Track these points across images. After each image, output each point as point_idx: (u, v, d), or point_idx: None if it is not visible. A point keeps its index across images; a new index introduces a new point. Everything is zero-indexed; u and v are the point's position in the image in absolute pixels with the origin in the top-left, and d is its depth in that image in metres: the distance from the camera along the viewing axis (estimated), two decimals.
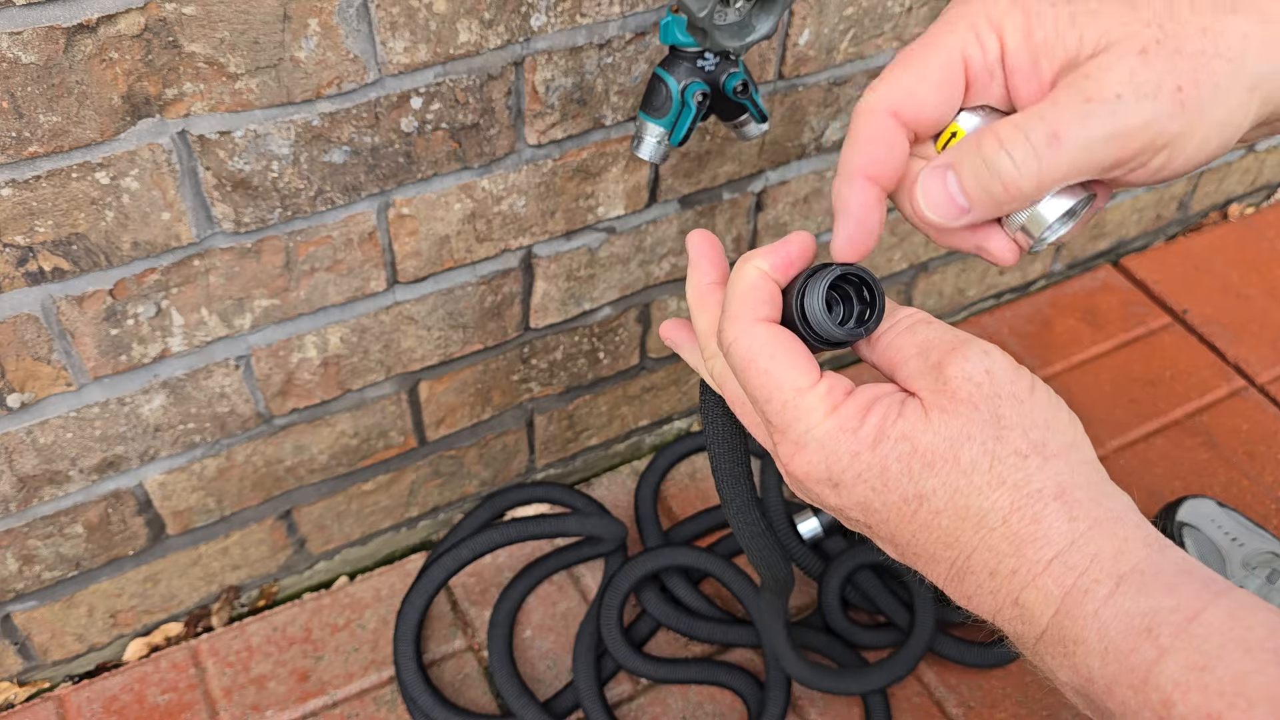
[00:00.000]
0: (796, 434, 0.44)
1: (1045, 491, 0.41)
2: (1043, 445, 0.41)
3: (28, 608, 0.95)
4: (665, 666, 1.01)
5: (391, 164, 0.81)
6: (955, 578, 0.43)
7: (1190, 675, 0.37)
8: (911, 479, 0.42)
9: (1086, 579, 0.39)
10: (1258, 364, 1.34)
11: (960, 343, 0.43)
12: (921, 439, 0.42)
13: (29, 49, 0.63)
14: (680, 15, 0.73)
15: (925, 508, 0.42)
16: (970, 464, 0.41)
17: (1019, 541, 0.40)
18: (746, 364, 0.45)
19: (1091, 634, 0.39)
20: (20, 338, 0.76)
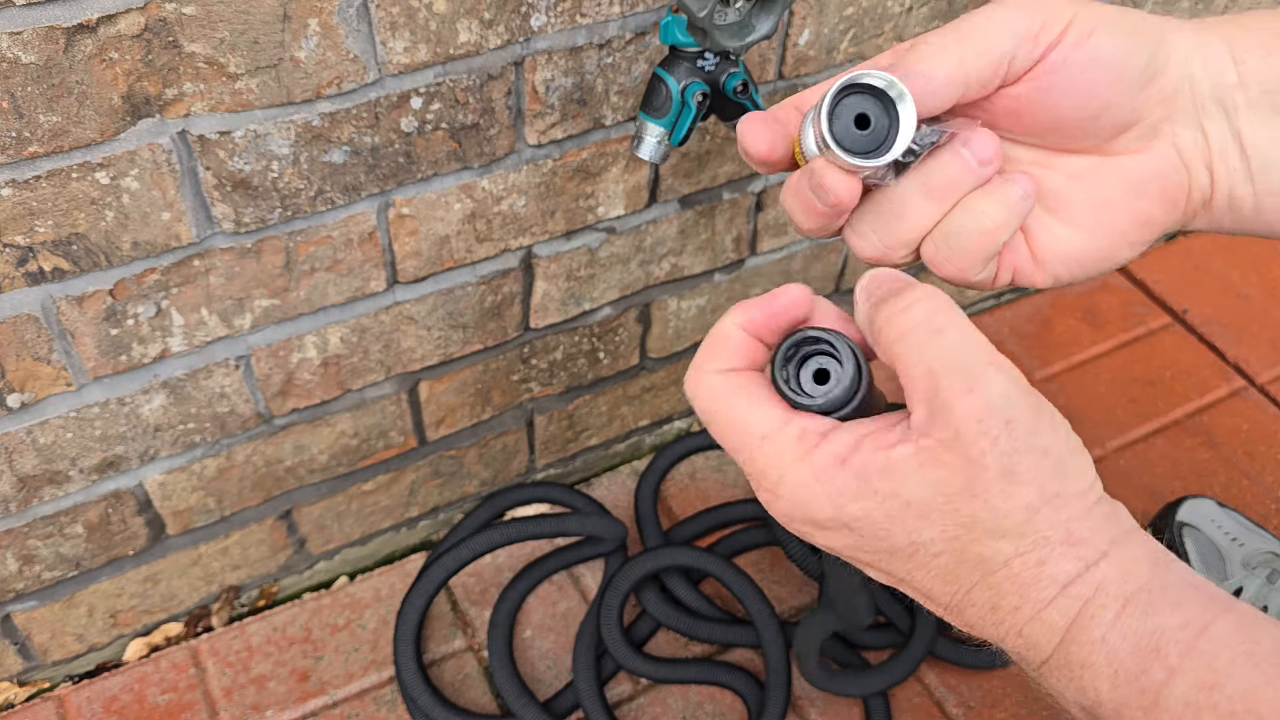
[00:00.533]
0: (770, 482, 0.42)
1: (1053, 539, 0.39)
2: (1056, 496, 0.39)
3: (28, 608, 0.95)
4: (665, 666, 1.01)
5: (391, 164, 0.81)
6: (955, 610, 0.42)
7: (1200, 694, 0.36)
8: (905, 530, 0.40)
9: (1092, 606, 0.39)
10: (1258, 364, 1.34)
11: (976, 380, 0.39)
12: (915, 494, 0.39)
13: (29, 49, 0.63)
14: (680, 15, 0.73)
15: (922, 552, 0.40)
16: (970, 518, 0.39)
17: (1021, 584, 0.39)
18: (710, 416, 0.43)
19: (1099, 658, 0.38)
20: (20, 338, 0.76)
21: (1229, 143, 0.46)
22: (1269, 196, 0.47)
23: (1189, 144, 0.47)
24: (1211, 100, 0.46)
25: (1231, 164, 0.47)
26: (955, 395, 0.39)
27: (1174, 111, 0.46)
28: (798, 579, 1.11)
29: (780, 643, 1.00)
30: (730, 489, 1.19)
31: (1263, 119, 0.46)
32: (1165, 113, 0.46)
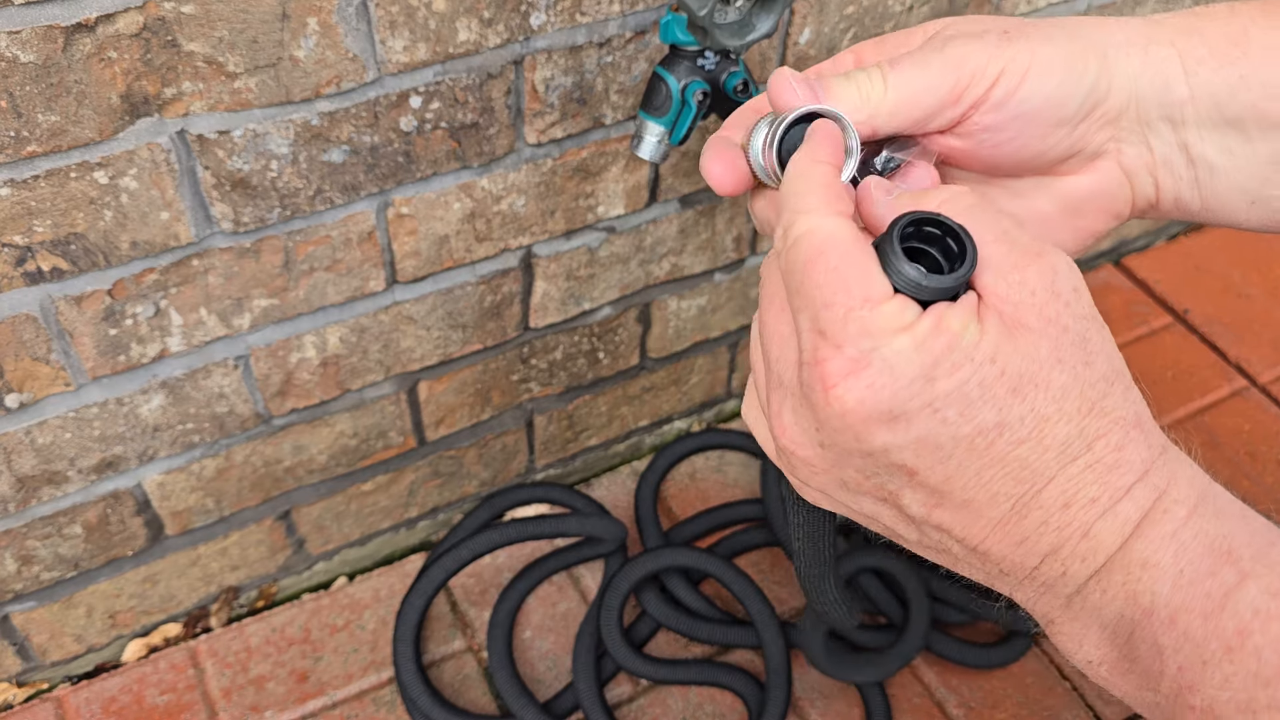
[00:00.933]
0: (858, 350, 0.37)
1: (1127, 419, 0.38)
2: (1122, 373, 0.39)
3: (26, 608, 0.94)
4: (665, 667, 1.01)
5: (391, 163, 0.81)
6: (1015, 516, 0.38)
7: (1273, 602, 0.35)
8: (995, 406, 0.37)
9: (1166, 499, 0.37)
10: (1259, 364, 1.34)
11: (1044, 248, 0.38)
12: (1010, 361, 0.37)
13: (28, 48, 0.63)
14: (680, 14, 0.73)
15: (1004, 438, 0.37)
16: (1061, 390, 0.37)
17: (1103, 469, 0.37)
18: (814, 257, 0.38)
19: (1166, 556, 0.36)
20: (19, 338, 0.76)
21: (1176, 154, 0.46)
22: (1215, 199, 0.47)
23: (1134, 159, 0.47)
24: (1159, 117, 0.46)
25: (1178, 173, 0.47)
26: (1029, 257, 0.38)
27: (1119, 132, 0.46)
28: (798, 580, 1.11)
29: (780, 643, 1.00)
30: (730, 489, 1.19)
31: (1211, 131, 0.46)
32: (1109, 135, 0.46)
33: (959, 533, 0.40)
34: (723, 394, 1.25)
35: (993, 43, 0.43)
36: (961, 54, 0.43)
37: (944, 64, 0.43)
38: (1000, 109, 0.44)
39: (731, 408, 1.28)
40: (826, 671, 0.97)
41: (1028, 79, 0.43)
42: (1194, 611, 0.36)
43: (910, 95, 0.43)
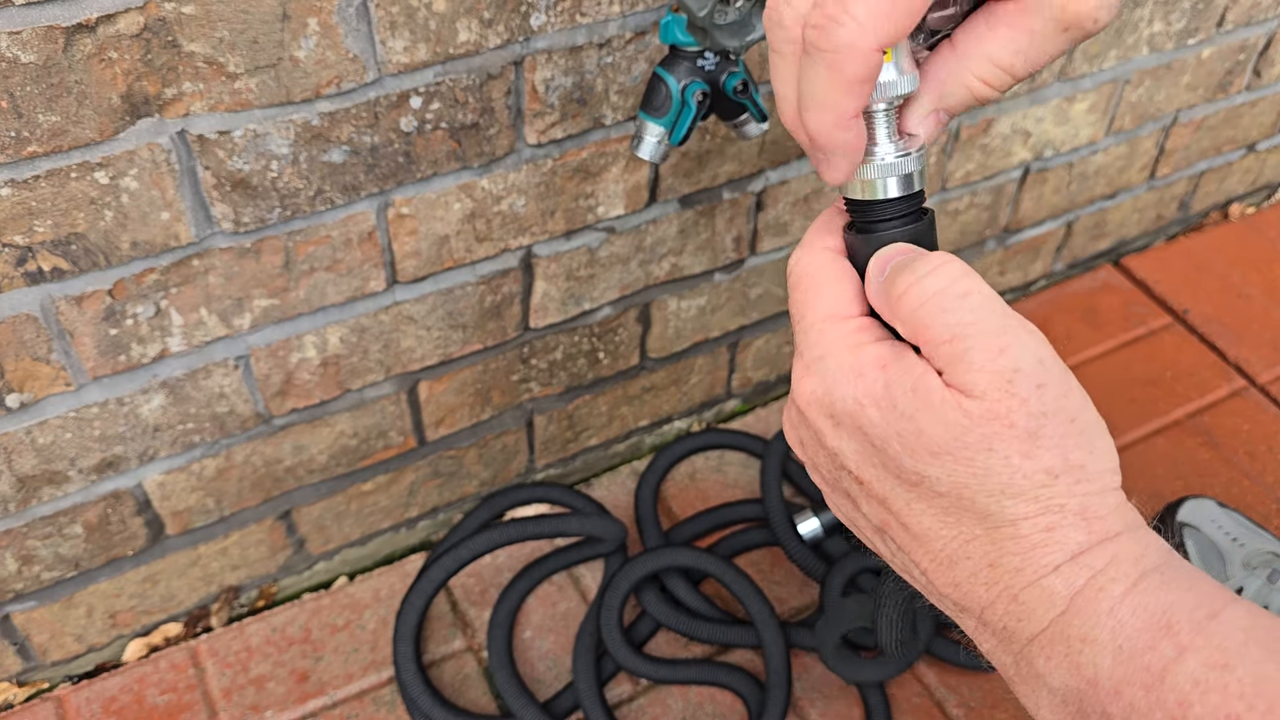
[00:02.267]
0: (811, 358, 0.42)
1: (1068, 508, 0.38)
2: (1079, 468, 0.38)
3: (27, 608, 0.95)
4: (665, 667, 1.01)
5: (391, 164, 0.81)
6: (947, 561, 0.40)
7: (1211, 674, 0.35)
8: (913, 458, 0.39)
9: (1102, 578, 0.38)
10: (1259, 364, 1.34)
11: (1009, 342, 0.38)
12: (932, 428, 0.38)
13: (28, 48, 0.63)
14: (680, 15, 0.73)
15: (925, 486, 0.39)
16: (984, 470, 0.38)
17: (1027, 545, 0.38)
18: (797, 282, 0.44)
19: (1104, 632, 0.37)
20: (19, 338, 0.76)
21: None
22: None
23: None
24: None
25: None
26: (987, 356, 0.38)
27: None
28: (798, 579, 1.11)
29: (781, 643, 1.00)
30: (730, 489, 1.19)
31: None
32: None
33: (910, 554, 0.42)
34: (723, 394, 1.25)
35: None
36: None
37: None
38: None
39: (731, 408, 1.28)
40: (839, 673, 0.97)
41: None
42: (1136, 684, 0.36)
43: None
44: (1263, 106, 1.43)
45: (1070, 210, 1.36)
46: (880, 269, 0.42)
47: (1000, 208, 1.28)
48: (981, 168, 1.20)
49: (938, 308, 0.39)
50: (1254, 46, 1.32)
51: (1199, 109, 1.35)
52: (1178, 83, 1.28)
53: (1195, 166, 1.45)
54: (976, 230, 1.29)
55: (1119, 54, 1.18)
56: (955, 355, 0.38)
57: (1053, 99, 1.18)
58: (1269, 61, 1.36)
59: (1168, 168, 1.41)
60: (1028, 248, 1.37)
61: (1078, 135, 1.25)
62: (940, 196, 1.20)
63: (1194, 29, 1.22)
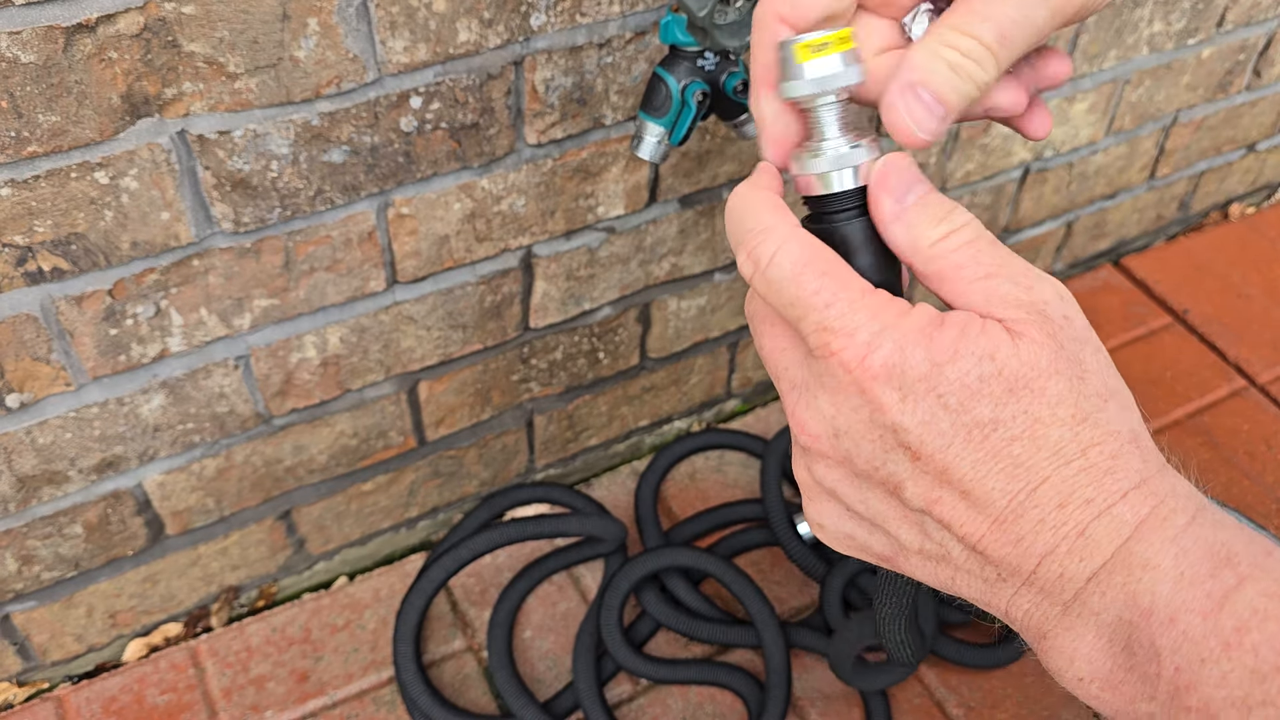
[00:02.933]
0: (869, 333, 0.39)
1: (1122, 434, 0.40)
2: (1118, 392, 0.40)
3: (27, 608, 0.95)
4: (665, 667, 1.01)
5: (391, 163, 0.81)
6: (1011, 514, 0.39)
7: (1270, 604, 0.36)
8: (991, 402, 0.39)
9: (1165, 507, 0.39)
10: (1259, 364, 1.34)
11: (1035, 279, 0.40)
12: (1007, 362, 0.39)
13: (28, 48, 0.63)
14: (680, 15, 0.73)
15: (999, 433, 0.39)
16: (1056, 397, 0.39)
17: (1098, 473, 0.39)
18: (801, 269, 0.41)
19: (1168, 558, 0.38)
20: (19, 338, 0.76)
21: None
22: None
23: None
24: None
25: None
26: (1021, 289, 0.40)
27: None
28: (798, 579, 1.11)
29: (781, 643, 1.00)
30: (730, 489, 1.19)
31: None
32: None
33: (958, 528, 0.41)
34: (722, 394, 1.25)
35: None
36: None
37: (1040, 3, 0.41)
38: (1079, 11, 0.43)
39: (731, 408, 1.28)
40: (861, 685, 0.97)
41: None
42: (1194, 611, 0.37)
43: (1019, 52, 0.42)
44: (1263, 106, 1.43)
45: (1070, 210, 1.36)
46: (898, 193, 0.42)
47: (1000, 208, 1.28)
48: (981, 167, 1.20)
49: (974, 249, 0.41)
50: (1254, 46, 1.32)
51: (1199, 109, 1.35)
52: (1178, 83, 1.28)
53: (1195, 166, 1.45)
54: None
55: (1119, 54, 1.18)
56: (991, 290, 0.40)
57: (1052, 99, 1.18)
58: (1269, 61, 1.36)
59: (1168, 168, 1.41)
60: (1028, 248, 1.37)
61: (1078, 135, 1.25)
62: None
63: (1194, 29, 1.22)
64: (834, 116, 0.42)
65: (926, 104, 0.41)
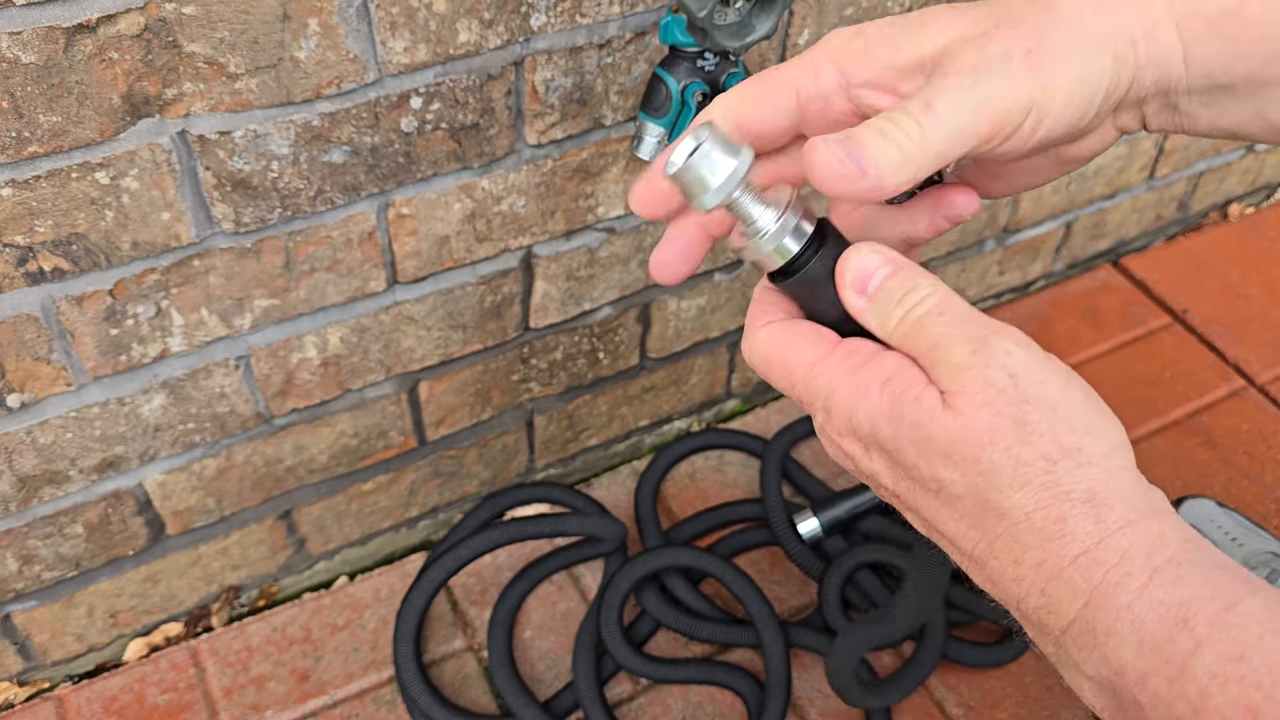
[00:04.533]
0: (822, 399, 0.43)
1: (1074, 494, 0.39)
2: (1076, 451, 0.40)
3: (28, 608, 0.95)
4: (665, 666, 1.01)
5: (391, 164, 0.81)
6: (979, 561, 0.41)
7: (1227, 666, 0.36)
8: (929, 464, 0.41)
9: (1117, 573, 0.39)
10: (1258, 364, 1.34)
11: (979, 343, 0.41)
12: (937, 432, 0.40)
13: (29, 49, 0.63)
14: (680, 15, 0.73)
15: (946, 491, 0.41)
16: (991, 465, 0.40)
17: (1044, 537, 0.39)
18: (766, 365, 0.45)
19: (1124, 626, 0.38)
20: (20, 338, 0.76)
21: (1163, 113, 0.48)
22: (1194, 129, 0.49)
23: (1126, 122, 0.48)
24: (1154, 93, 0.47)
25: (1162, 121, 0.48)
26: (961, 355, 0.41)
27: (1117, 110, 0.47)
28: (798, 579, 1.11)
29: (780, 643, 1.00)
30: (730, 489, 1.19)
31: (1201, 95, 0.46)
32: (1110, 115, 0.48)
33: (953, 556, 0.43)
34: (722, 394, 1.26)
35: (1019, 74, 0.43)
36: (993, 93, 0.42)
37: (978, 106, 0.42)
38: (1024, 142, 0.44)
39: (731, 407, 1.28)
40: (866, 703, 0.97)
41: (1051, 112, 0.43)
42: (1159, 675, 0.37)
43: (947, 148, 0.43)
44: None
45: (1069, 210, 1.36)
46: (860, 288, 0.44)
47: (999, 207, 1.28)
48: None
49: (927, 322, 0.42)
50: None
51: None
52: None
53: (1194, 167, 1.45)
54: (976, 230, 1.29)
55: None
56: (935, 361, 0.41)
57: None
58: None
59: (1167, 168, 1.41)
60: (1027, 248, 1.37)
61: None
62: None
63: None
64: (750, 201, 0.44)
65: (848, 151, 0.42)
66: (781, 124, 0.46)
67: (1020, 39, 0.43)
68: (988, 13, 0.44)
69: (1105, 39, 0.44)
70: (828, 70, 0.45)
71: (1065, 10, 0.44)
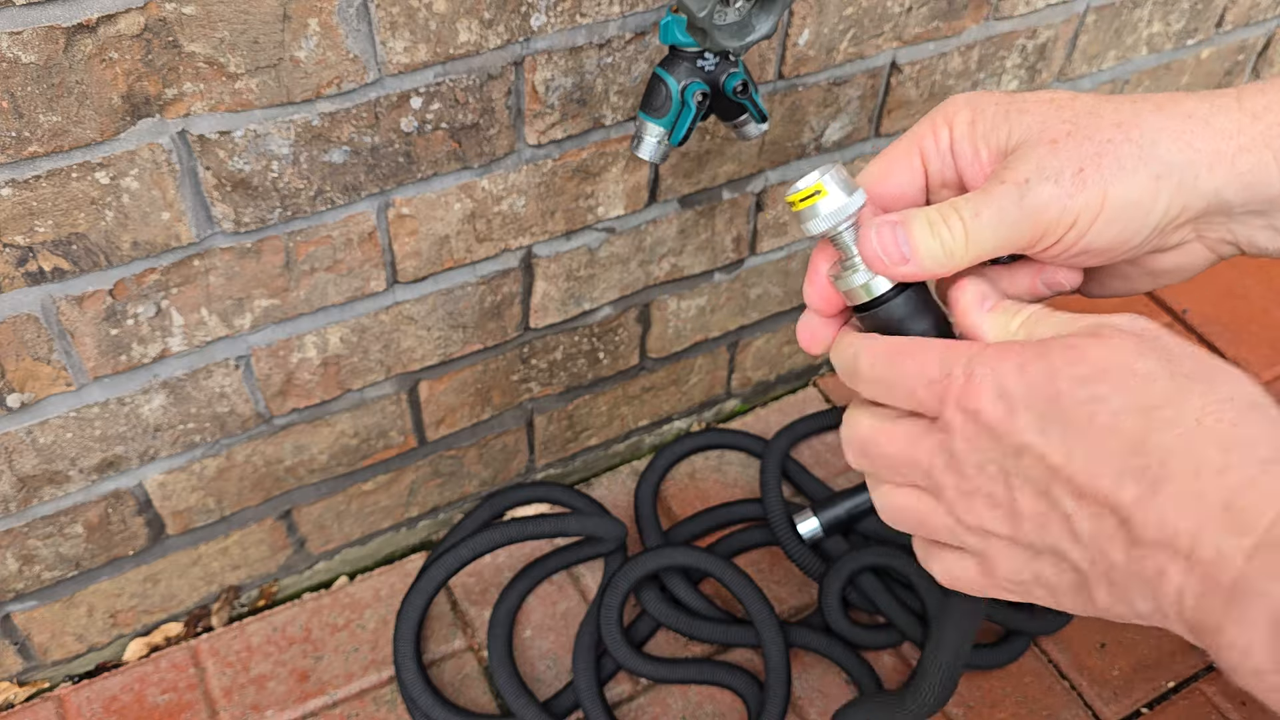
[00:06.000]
0: (962, 368, 0.43)
1: (1237, 400, 0.39)
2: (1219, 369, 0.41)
3: (27, 608, 0.95)
4: (665, 666, 1.02)
5: (391, 164, 0.81)
6: (1148, 492, 0.39)
7: None
8: (1085, 385, 0.40)
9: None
10: (1258, 364, 1.34)
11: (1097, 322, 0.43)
12: (1090, 350, 0.41)
13: (29, 49, 0.64)
14: (680, 15, 0.73)
15: (1104, 409, 0.40)
16: (1147, 373, 0.40)
17: (1223, 443, 0.38)
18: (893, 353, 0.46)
19: None
20: (20, 338, 0.77)
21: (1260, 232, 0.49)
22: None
23: (1217, 241, 0.50)
24: (1245, 212, 0.48)
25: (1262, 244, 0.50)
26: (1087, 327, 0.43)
27: (1201, 226, 0.49)
28: (797, 579, 1.11)
29: (780, 642, 1.00)
30: (730, 489, 1.19)
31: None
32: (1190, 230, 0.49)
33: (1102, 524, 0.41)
34: (722, 394, 1.26)
35: (1068, 189, 0.45)
36: (1040, 204, 0.46)
37: (1022, 216, 0.46)
38: (1068, 249, 0.47)
39: (731, 407, 1.28)
40: None
41: (1096, 224, 0.46)
42: None
43: (990, 248, 0.47)
44: None
45: None
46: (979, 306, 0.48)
47: None
48: None
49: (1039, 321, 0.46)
50: (1253, 47, 1.32)
51: None
52: (1176, 83, 1.28)
53: None
54: None
55: (1118, 54, 1.19)
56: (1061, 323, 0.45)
57: None
58: (1268, 62, 1.36)
59: None
60: None
61: None
62: None
63: (1193, 29, 1.22)
64: (853, 238, 0.49)
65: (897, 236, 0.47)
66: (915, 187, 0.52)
67: (1080, 156, 0.46)
68: (1072, 116, 0.47)
69: (1171, 167, 0.46)
70: (943, 132, 0.50)
71: (1143, 132, 0.46)
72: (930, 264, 0.47)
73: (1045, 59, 1.13)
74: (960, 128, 0.50)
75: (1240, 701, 1.03)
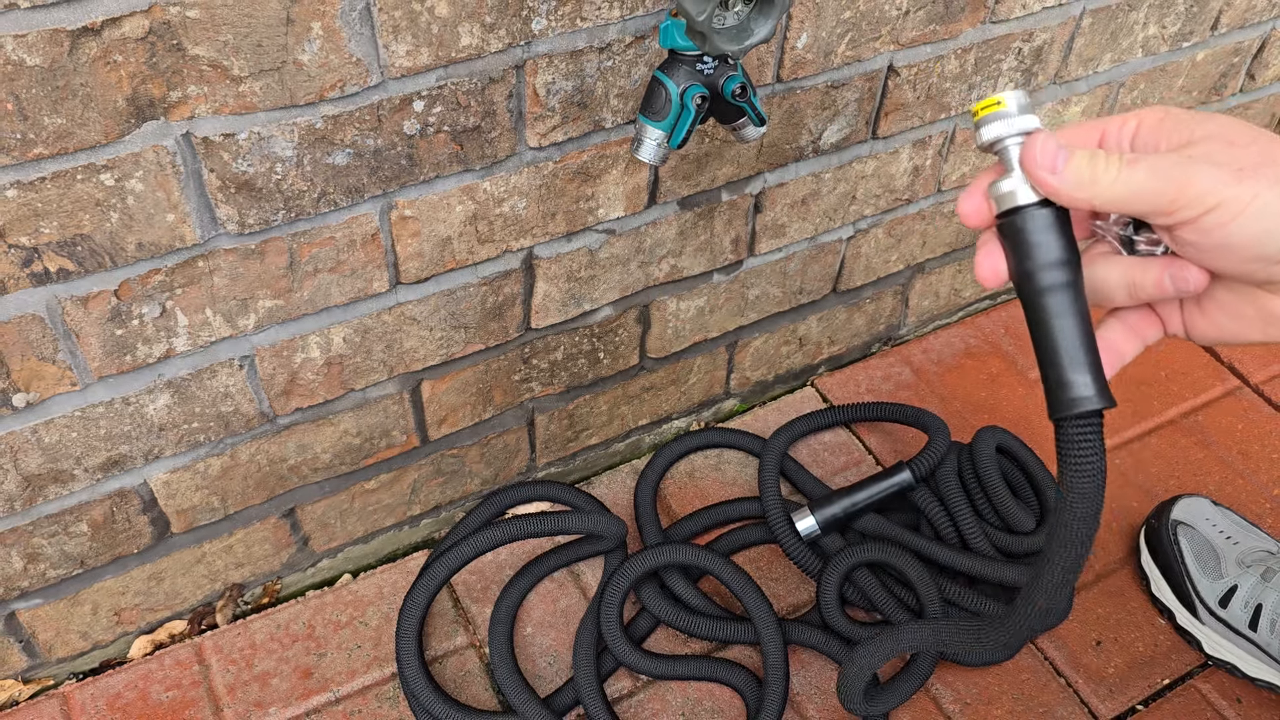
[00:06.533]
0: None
1: None
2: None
3: (32, 605, 0.95)
4: (664, 663, 1.02)
5: (394, 166, 0.82)
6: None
7: None
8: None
9: None
10: (1252, 364, 1.35)
11: None
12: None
13: (34, 51, 0.64)
14: (679, 19, 0.74)
15: None
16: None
17: None
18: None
19: None
20: (25, 338, 0.77)
21: None
22: None
23: None
24: None
25: None
26: None
27: None
28: (795, 576, 1.12)
29: (778, 639, 1.01)
30: (729, 487, 1.19)
31: None
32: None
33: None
34: (721, 393, 1.26)
35: (1225, 177, 0.48)
36: (1193, 177, 0.49)
37: (1172, 179, 0.49)
38: (1205, 235, 0.49)
39: (730, 407, 1.29)
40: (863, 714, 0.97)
41: (1238, 219, 0.48)
42: None
43: (1132, 192, 0.50)
44: (1257, 109, 1.44)
45: None
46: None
47: None
48: (976, 170, 1.21)
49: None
50: (1248, 49, 1.32)
51: None
52: (1172, 85, 1.29)
53: None
54: (973, 232, 1.29)
55: (1114, 57, 1.19)
56: None
57: (1047, 102, 1.19)
58: (1263, 64, 1.36)
59: None
60: None
61: None
62: (937, 198, 1.21)
63: (1188, 32, 1.23)
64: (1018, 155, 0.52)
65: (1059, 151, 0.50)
66: None
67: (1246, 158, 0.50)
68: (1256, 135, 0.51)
69: None
70: (1131, 123, 0.54)
71: None
72: (1073, 180, 0.50)
73: (1041, 62, 1.13)
74: (1149, 123, 0.53)
75: (1235, 698, 1.03)
